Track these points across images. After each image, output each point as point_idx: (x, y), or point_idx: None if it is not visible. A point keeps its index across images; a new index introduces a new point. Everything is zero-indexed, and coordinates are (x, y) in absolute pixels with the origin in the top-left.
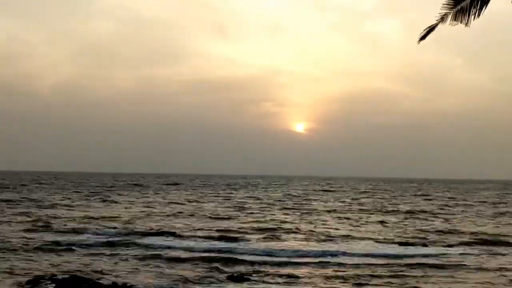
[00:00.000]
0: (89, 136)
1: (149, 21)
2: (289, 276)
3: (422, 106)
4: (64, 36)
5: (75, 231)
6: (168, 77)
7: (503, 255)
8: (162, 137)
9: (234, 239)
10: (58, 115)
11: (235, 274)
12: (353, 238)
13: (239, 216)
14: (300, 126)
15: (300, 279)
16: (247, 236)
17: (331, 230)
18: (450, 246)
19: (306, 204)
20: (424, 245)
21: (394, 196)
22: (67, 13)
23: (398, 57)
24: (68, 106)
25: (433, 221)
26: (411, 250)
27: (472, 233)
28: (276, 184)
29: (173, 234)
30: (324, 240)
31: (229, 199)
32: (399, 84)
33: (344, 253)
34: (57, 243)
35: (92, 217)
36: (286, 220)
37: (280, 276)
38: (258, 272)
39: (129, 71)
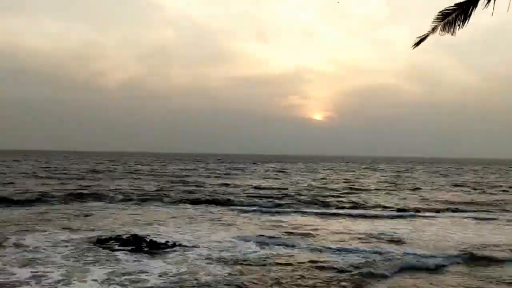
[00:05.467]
0: (149, 123)
1: (202, 28)
2: None
3: (420, 99)
4: (131, 40)
5: None
6: (216, 74)
7: None
8: (208, 124)
9: None
10: (123, 105)
11: None
12: None
13: None
14: (320, 115)
15: None
16: None
17: None
18: None
19: None
20: None
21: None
22: (135, 21)
23: (402, 58)
24: (132, 98)
25: None
26: None
27: None
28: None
29: None
30: None
31: None
32: (402, 81)
33: None
34: None
35: None
36: None
37: None
38: None
39: (184, 70)
